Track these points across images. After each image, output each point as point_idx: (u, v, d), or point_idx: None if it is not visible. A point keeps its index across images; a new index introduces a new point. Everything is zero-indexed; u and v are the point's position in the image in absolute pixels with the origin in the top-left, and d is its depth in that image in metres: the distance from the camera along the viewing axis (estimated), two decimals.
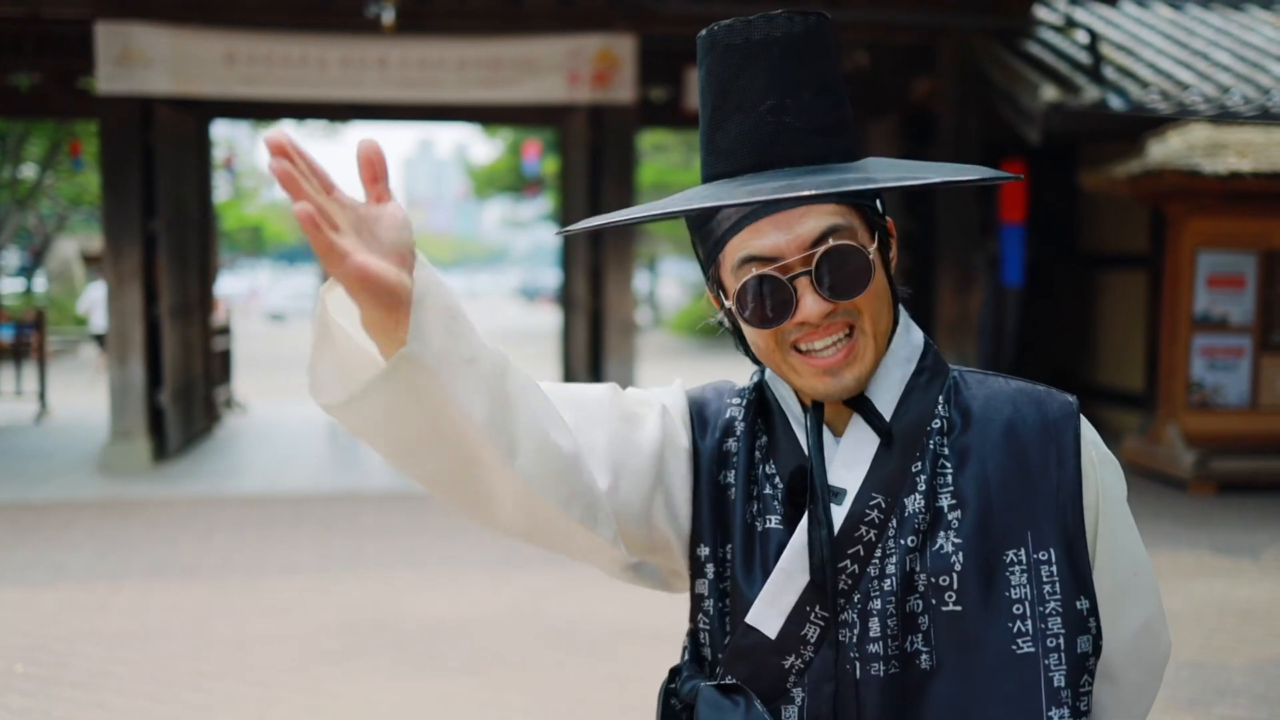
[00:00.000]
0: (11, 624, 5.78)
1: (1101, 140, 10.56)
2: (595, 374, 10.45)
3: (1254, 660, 5.24)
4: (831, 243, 1.22)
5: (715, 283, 1.31)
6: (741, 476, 1.35)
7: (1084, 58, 9.77)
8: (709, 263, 1.30)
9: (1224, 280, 9.26)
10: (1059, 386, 1.40)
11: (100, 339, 16.68)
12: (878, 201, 1.30)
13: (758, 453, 1.36)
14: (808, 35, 1.24)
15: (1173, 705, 4.67)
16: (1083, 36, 9.97)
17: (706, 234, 1.29)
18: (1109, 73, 9.65)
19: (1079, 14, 10.56)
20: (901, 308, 1.34)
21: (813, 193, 1.16)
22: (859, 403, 1.29)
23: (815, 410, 1.30)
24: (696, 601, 1.38)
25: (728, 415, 1.40)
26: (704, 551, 1.37)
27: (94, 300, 17.34)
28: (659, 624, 5.79)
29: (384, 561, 7.00)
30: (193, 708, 4.72)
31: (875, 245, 1.26)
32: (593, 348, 10.50)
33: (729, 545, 1.35)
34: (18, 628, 5.71)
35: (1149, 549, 1.35)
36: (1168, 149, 8.59)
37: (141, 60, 9.21)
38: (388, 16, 8.98)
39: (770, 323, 1.24)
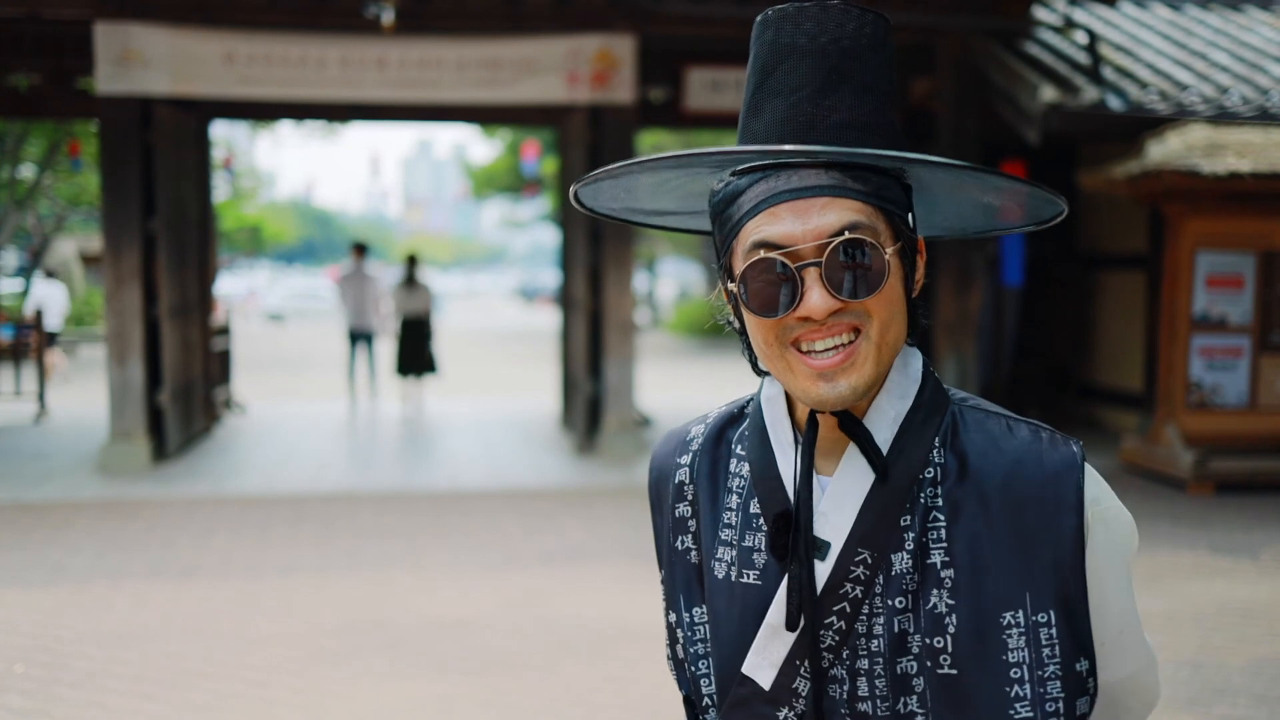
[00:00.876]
0: (11, 624, 5.78)
1: (1100, 141, 10.57)
2: (595, 374, 10.45)
3: (1253, 659, 5.24)
4: (847, 235, 1.16)
5: (727, 272, 1.24)
6: (707, 530, 1.33)
7: (1083, 58, 9.79)
8: (724, 250, 1.23)
9: (1223, 280, 9.27)
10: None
11: (53, 337, 16.55)
12: (910, 216, 1.23)
13: (735, 495, 1.32)
14: (859, 32, 1.21)
15: (1172, 705, 4.67)
16: (1081, 37, 9.98)
17: (725, 219, 1.22)
18: (1108, 73, 9.66)
19: (1078, 14, 10.57)
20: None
21: (832, 150, 1.13)
22: (854, 428, 1.23)
23: (809, 431, 1.24)
24: (680, 666, 1.38)
25: (676, 480, 1.38)
26: (672, 618, 1.37)
27: (43, 298, 17.10)
28: (658, 624, 5.79)
29: (384, 561, 7.01)
30: (193, 708, 4.72)
31: (895, 250, 1.19)
32: (592, 348, 10.50)
33: (695, 609, 1.34)
34: (17, 628, 5.71)
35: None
36: (1166, 149, 8.60)
37: (140, 60, 9.21)
38: (387, 17, 8.99)
39: (771, 312, 1.18)
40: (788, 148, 1.15)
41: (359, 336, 14.39)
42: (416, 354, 13.64)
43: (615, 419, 10.32)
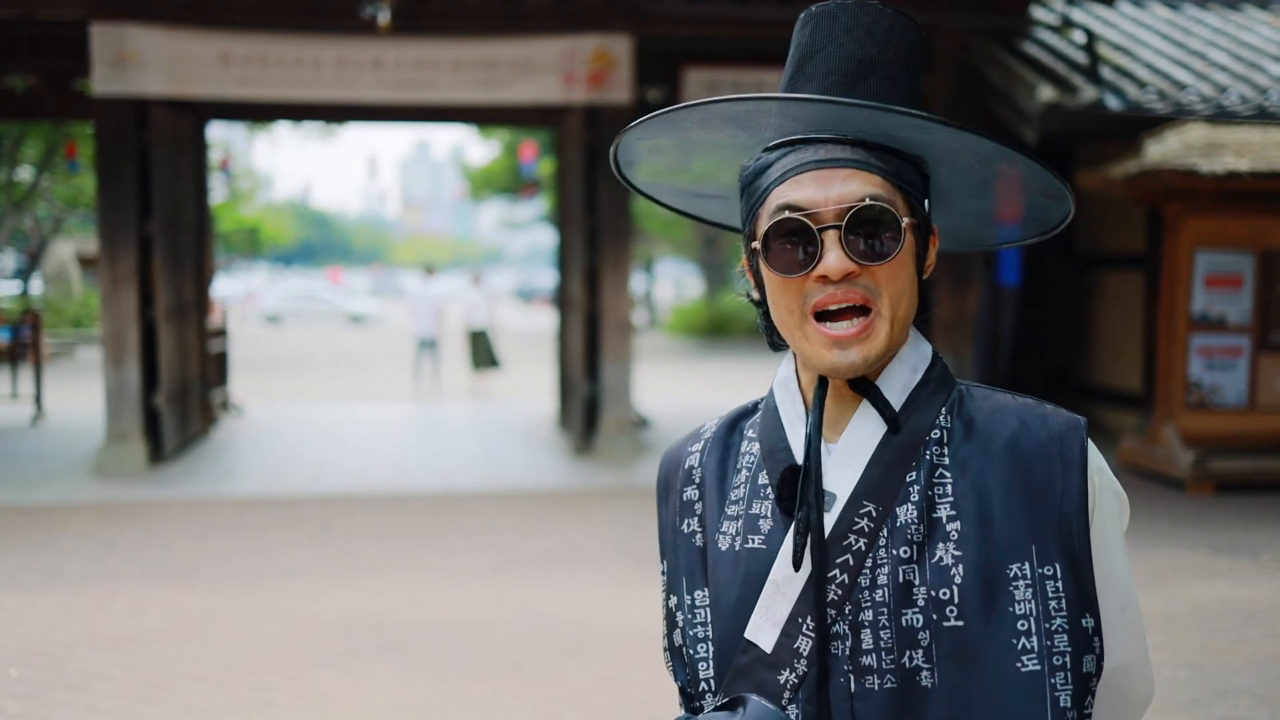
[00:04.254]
0: (6, 627, 5.75)
1: (1098, 140, 10.55)
2: (592, 375, 10.44)
3: (1254, 660, 5.22)
4: (868, 201, 1.23)
5: (750, 237, 1.31)
6: (713, 509, 1.35)
7: (1081, 57, 9.78)
8: (749, 217, 1.31)
9: (1222, 280, 9.26)
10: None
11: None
12: (926, 202, 1.30)
13: (745, 471, 1.35)
14: (891, 30, 1.31)
15: (1173, 706, 4.66)
16: (1080, 36, 9.97)
17: (754, 190, 1.30)
18: (1106, 72, 9.65)
19: (1076, 14, 10.56)
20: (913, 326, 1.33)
21: (864, 104, 1.22)
22: (865, 388, 1.28)
23: (820, 389, 1.28)
24: (677, 654, 1.38)
25: (686, 465, 1.42)
26: (673, 602, 1.38)
27: None
28: (655, 627, 5.76)
29: (382, 564, 6.99)
30: (190, 711, 4.70)
31: (910, 222, 1.26)
32: (589, 349, 10.48)
33: (697, 592, 1.35)
34: (13, 631, 5.69)
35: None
36: (1165, 149, 8.58)
37: (137, 62, 9.19)
38: (383, 17, 8.97)
39: (790, 270, 1.24)
40: (834, 100, 1.24)
41: (427, 343, 17.33)
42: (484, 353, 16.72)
43: (613, 420, 10.30)
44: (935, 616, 1.21)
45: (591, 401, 10.51)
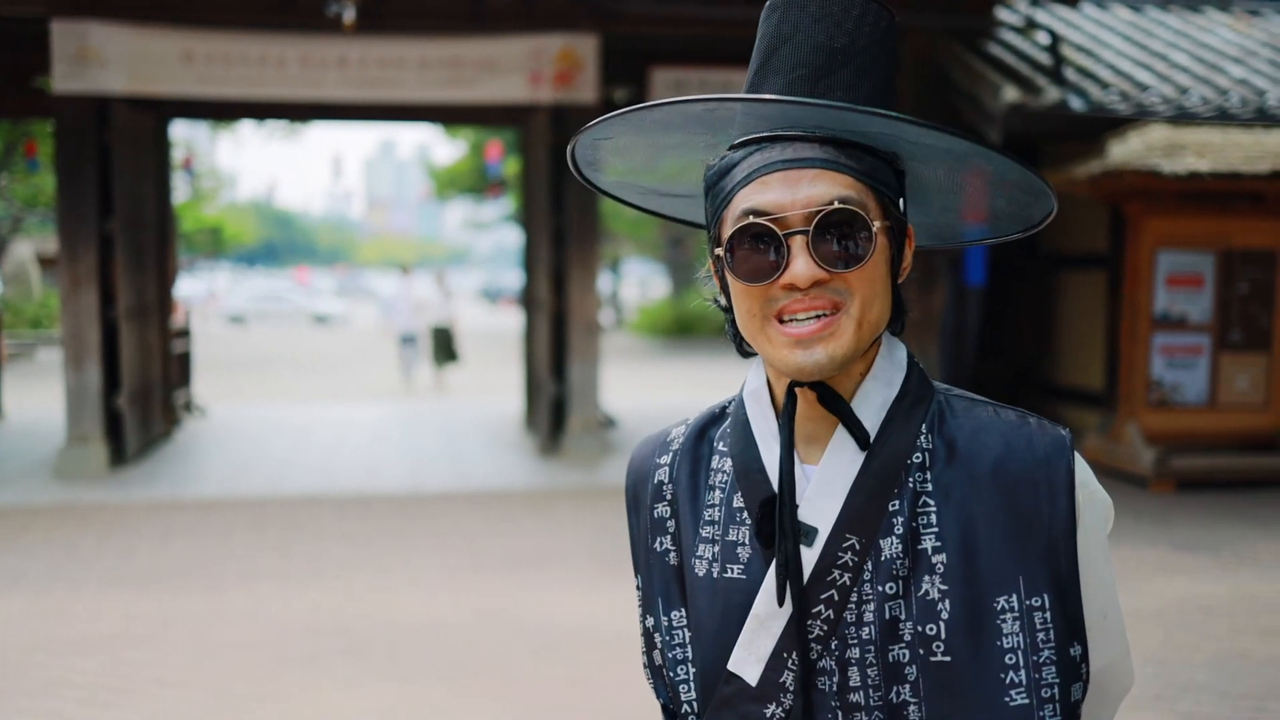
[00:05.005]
0: None
1: (1062, 141, 10.63)
2: (559, 375, 10.41)
3: (1216, 655, 5.28)
4: (836, 205, 1.16)
5: (715, 242, 1.24)
6: (688, 529, 1.31)
7: (1045, 58, 9.84)
8: (714, 220, 1.24)
9: (1183, 280, 9.36)
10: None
11: None
12: (900, 200, 1.24)
13: (718, 491, 1.30)
14: (863, 20, 1.23)
15: (1137, 702, 4.69)
16: (1043, 37, 10.04)
17: (718, 191, 1.23)
18: (1069, 74, 9.72)
19: (1040, 15, 10.64)
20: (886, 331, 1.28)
21: (831, 104, 1.15)
22: (834, 402, 1.22)
23: (788, 405, 1.22)
24: (658, 673, 1.35)
25: (656, 480, 1.37)
26: (650, 622, 1.35)
27: None
28: (622, 627, 5.76)
29: (347, 566, 6.94)
30: (152, 716, 4.64)
31: (882, 227, 1.20)
32: (556, 349, 10.46)
33: (674, 612, 1.32)
34: None
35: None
36: (1127, 149, 8.66)
37: (98, 59, 9.08)
38: (348, 15, 8.91)
39: (756, 278, 1.18)
40: (798, 100, 1.17)
41: (408, 339, 18.16)
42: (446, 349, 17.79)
43: (579, 420, 10.28)
44: (922, 651, 1.18)
45: (558, 401, 10.49)
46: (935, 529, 1.20)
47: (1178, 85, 9.85)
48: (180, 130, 23.84)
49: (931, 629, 1.18)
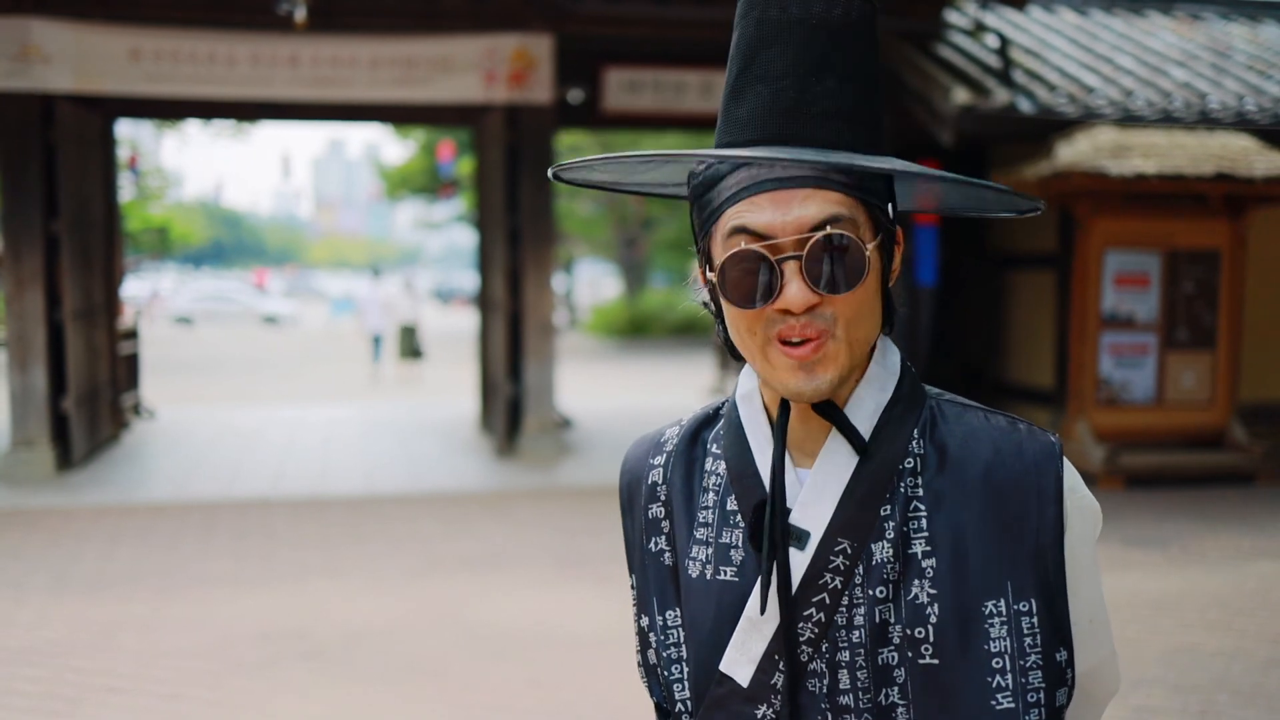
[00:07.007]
0: None
1: (1011, 142, 10.75)
2: (515, 375, 10.38)
3: (1166, 650, 5.36)
4: (829, 230, 1.15)
5: (705, 256, 1.24)
6: (682, 531, 1.32)
7: (994, 61, 9.95)
8: (702, 234, 1.23)
9: (1130, 279, 9.49)
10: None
11: None
12: (890, 206, 1.23)
13: (712, 493, 1.31)
14: (845, 19, 1.20)
15: None
16: (992, 40, 10.14)
17: (705, 204, 1.22)
18: (1018, 76, 9.83)
19: (988, 18, 10.75)
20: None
21: (815, 158, 1.12)
22: (830, 411, 1.22)
23: (781, 415, 1.24)
24: (652, 673, 1.36)
25: (650, 480, 1.37)
26: (644, 621, 1.36)
27: None
28: (581, 628, 5.75)
29: (299, 569, 6.87)
30: None
31: (875, 245, 1.19)
32: (512, 350, 10.42)
33: (669, 612, 1.33)
34: None
35: None
36: (1075, 151, 8.77)
37: (41, 57, 8.93)
38: (299, 13, 8.82)
39: (750, 303, 1.18)
40: (779, 156, 1.13)
41: (377, 339, 20.02)
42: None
43: (535, 421, 10.25)
44: (910, 654, 1.19)
45: (514, 402, 10.45)
46: (926, 534, 1.21)
47: (1123, 88, 9.99)
48: (126, 129, 23.52)
49: (920, 632, 1.19)
